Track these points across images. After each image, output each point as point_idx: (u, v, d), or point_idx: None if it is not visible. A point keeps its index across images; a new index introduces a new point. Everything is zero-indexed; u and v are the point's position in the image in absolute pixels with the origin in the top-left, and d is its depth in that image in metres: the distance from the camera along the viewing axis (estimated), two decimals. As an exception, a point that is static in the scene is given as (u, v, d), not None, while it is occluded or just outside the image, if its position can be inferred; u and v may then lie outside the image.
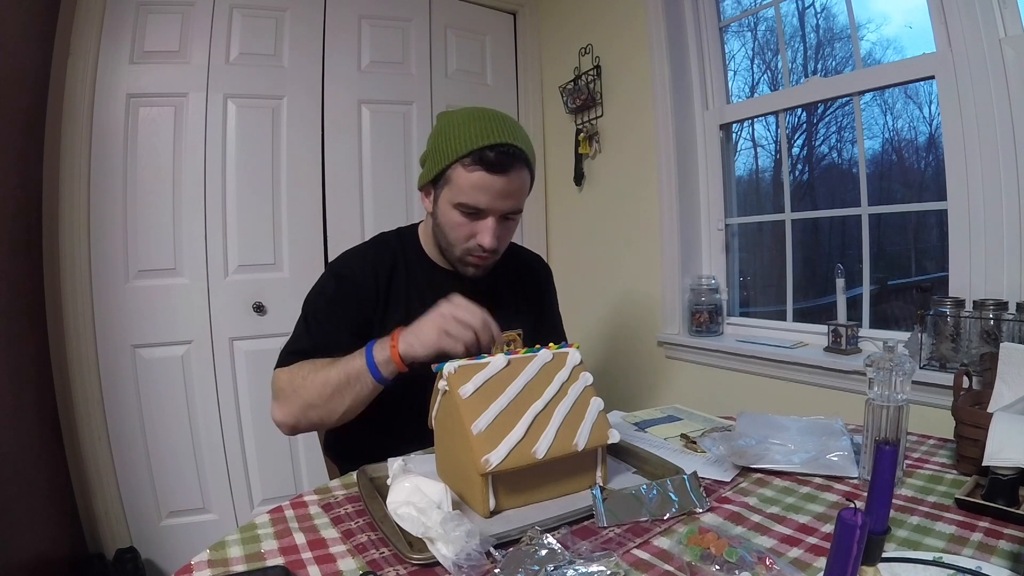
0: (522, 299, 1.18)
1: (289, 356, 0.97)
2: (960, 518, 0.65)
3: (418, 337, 0.84)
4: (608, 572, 0.53)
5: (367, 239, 1.15)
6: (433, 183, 0.99)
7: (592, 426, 0.73)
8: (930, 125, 1.46)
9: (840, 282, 1.53)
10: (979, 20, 1.18)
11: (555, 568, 0.54)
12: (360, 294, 1.02)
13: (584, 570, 0.53)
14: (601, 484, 0.75)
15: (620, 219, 2.09)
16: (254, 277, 1.92)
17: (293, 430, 0.95)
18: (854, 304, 1.55)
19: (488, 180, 0.92)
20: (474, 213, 0.95)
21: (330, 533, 0.67)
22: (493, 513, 0.69)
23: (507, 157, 0.91)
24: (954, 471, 0.79)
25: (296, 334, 1.01)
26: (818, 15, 1.71)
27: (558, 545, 0.57)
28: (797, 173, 1.83)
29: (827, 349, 1.50)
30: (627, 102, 2.01)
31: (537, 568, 0.54)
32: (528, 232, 2.41)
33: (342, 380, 0.88)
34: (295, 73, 1.97)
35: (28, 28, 1.55)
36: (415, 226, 1.15)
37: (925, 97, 1.45)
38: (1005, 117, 1.17)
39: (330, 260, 1.34)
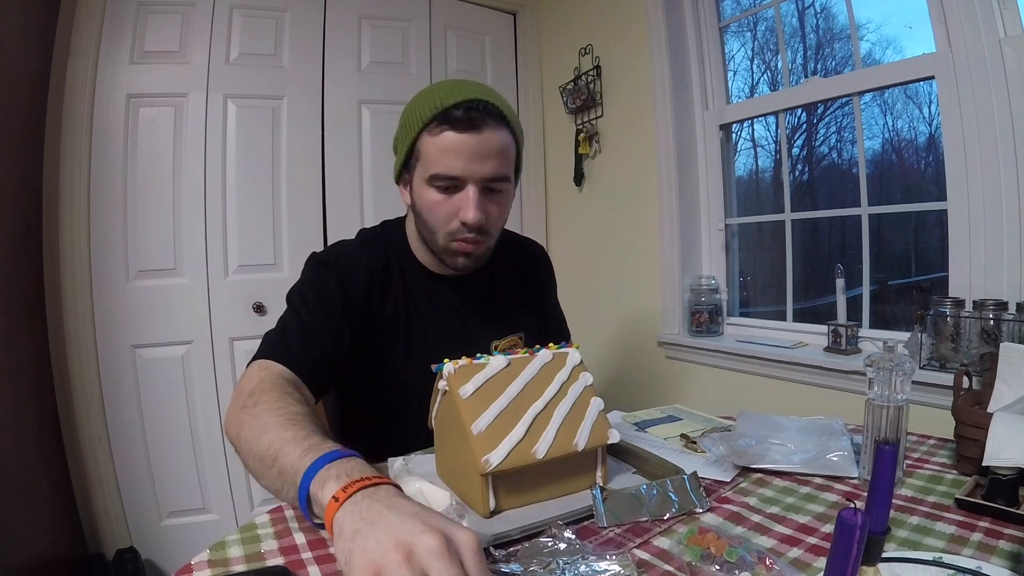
0: (522, 300, 1.10)
1: (266, 349, 0.87)
2: (960, 518, 0.65)
3: (353, 552, 0.46)
4: (623, 572, 0.53)
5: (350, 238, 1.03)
6: (406, 167, 0.90)
7: (592, 426, 0.73)
8: (930, 125, 1.46)
9: (840, 282, 1.53)
10: (979, 20, 1.18)
11: (566, 562, 0.54)
12: (348, 291, 0.91)
13: (598, 567, 0.53)
14: (601, 484, 0.75)
15: (620, 219, 2.09)
16: (254, 277, 1.92)
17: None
18: (854, 304, 1.55)
19: (457, 140, 0.81)
20: (451, 186, 0.85)
21: (330, 533, 0.67)
22: (493, 513, 0.69)
23: (476, 112, 0.81)
24: (954, 471, 0.79)
25: (277, 332, 0.89)
26: (818, 15, 1.71)
27: (578, 541, 0.57)
28: (797, 173, 1.83)
29: (827, 349, 1.50)
30: (627, 102, 2.01)
31: (550, 559, 0.54)
32: (528, 233, 2.40)
33: (269, 462, 0.65)
34: (295, 73, 1.97)
35: (28, 28, 1.55)
36: (401, 224, 1.03)
37: (925, 97, 1.45)
38: (1005, 117, 1.17)
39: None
